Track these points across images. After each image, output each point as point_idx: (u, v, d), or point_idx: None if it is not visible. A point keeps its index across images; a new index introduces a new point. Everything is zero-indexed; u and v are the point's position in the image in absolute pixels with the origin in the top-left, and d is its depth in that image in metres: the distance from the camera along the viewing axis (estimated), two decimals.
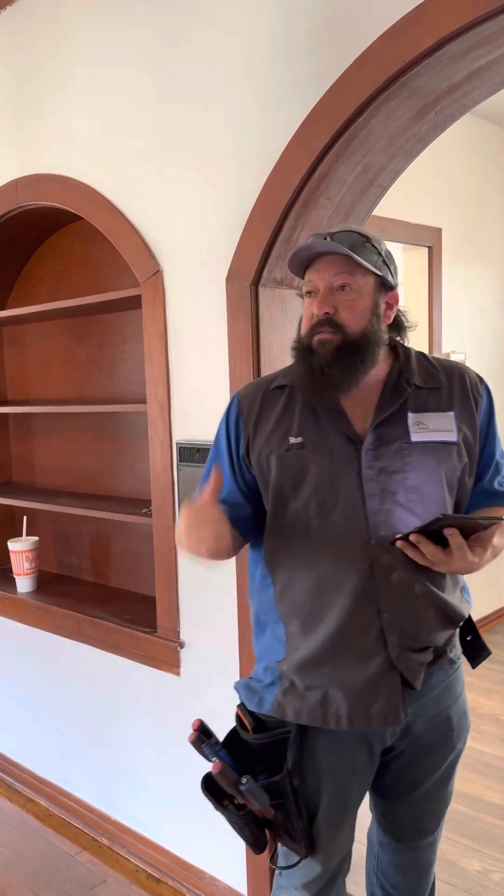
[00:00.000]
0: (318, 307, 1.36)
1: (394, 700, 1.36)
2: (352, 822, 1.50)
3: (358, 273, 1.35)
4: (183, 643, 2.19)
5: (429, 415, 1.40)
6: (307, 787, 1.43)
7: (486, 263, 4.19)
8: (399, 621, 1.36)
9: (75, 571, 2.95)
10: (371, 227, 3.42)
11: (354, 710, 1.36)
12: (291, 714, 1.40)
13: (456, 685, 1.50)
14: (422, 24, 1.47)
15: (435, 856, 1.68)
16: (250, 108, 1.85)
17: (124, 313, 2.62)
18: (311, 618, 1.39)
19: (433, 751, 1.49)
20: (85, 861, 2.45)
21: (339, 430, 1.39)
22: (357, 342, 1.34)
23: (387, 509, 1.36)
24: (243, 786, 1.37)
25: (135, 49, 2.09)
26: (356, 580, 1.35)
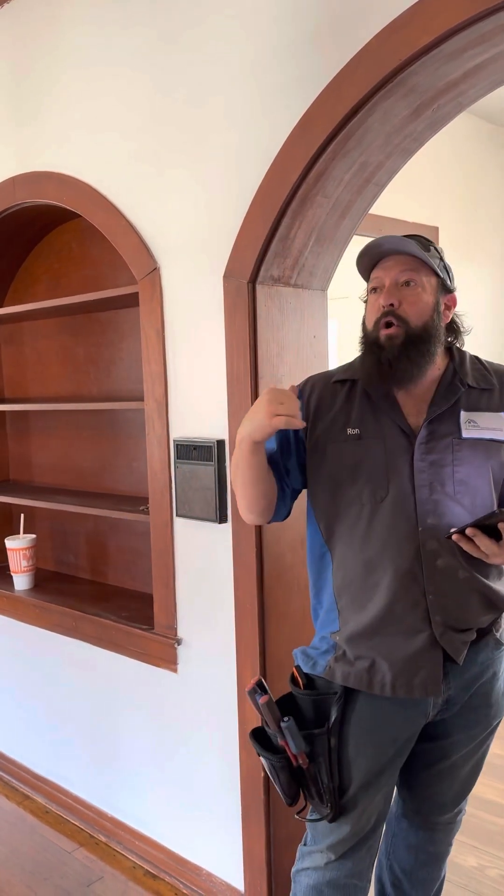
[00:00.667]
0: (384, 298, 1.46)
1: (435, 672, 1.46)
2: (385, 792, 1.56)
3: (422, 272, 1.47)
4: (180, 640, 2.20)
5: (480, 414, 1.50)
6: (344, 749, 1.51)
7: (483, 262, 4.20)
8: (443, 603, 1.46)
9: (72, 569, 2.95)
10: (369, 226, 3.44)
11: (398, 679, 1.46)
12: (340, 677, 1.50)
13: (499, 665, 1.58)
14: (418, 22, 1.48)
15: (449, 847, 1.74)
16: (247, 107, 1.85)
17: (122, 311, 2.62)
18: (362, 595, 1.49)
19: (468, 725, 1.58)
20: (82, 858, 2.46)
21: (395, 424, 1.49)
22: (420, 336, 1.45)
23: (435, 500, 1.45)
24: (285, 723, 1.48)
25: (132, 47, 2.09)
26: (404, 563, 1.45)
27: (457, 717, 1.56)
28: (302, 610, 2.06)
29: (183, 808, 2.28)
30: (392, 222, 3.49)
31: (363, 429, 1.50)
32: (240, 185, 1.89)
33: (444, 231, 3.86)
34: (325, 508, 1.54)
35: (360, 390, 1.54)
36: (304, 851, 1.64)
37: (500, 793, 2.70)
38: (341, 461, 1.50)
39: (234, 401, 1.94)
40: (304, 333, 2.02)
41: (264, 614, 1.96)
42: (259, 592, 1.95)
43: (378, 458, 1.48)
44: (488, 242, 4.24)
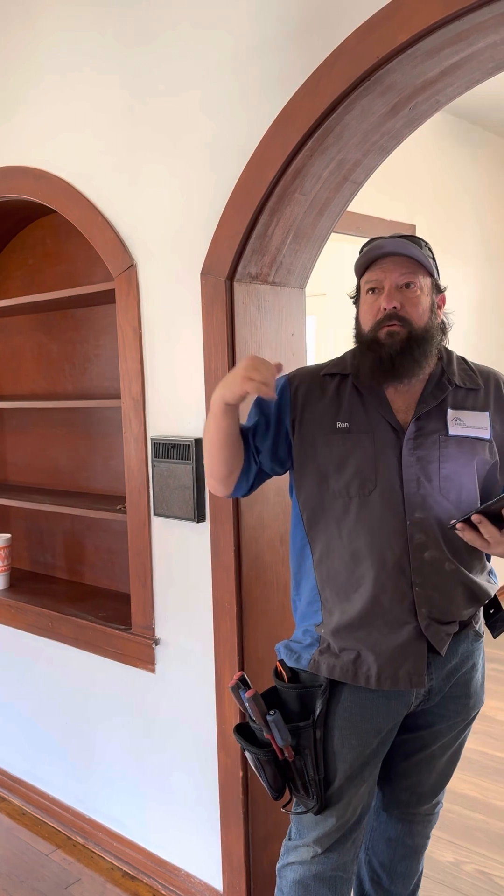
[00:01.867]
0: (386, 301, 1.48)
1: (420, 664, 1.48)
2: (369, 784, 1.58)
3: (419, 273, 1.49)
4: (158, 640, 2.18)
5: (466, 412, 1.53)
6: (329, 741, 1.53)
7: (459, 260, 4.23)
8: (429, 595, 1.48)
9: (49, 569, 2.92)
10: (346, 224, 3.44)
11: (383, 671, 1.48)
12: (325, 669, 1.52)
13: (478, 657, 1.62)
14: (395, 21, 1.47)
15: (427, 840, 1.76)
16: (224, 103, 1.84)
17: (98, 308, 2.60)
18: (348, 587, 1.51)
19: (448, 715, 1.61)
20: (59, 860, 2.44)
21: (384, 419, 1.52)
22: (422, 336, 1.48)
23: (422, 494, 1.48)
24: (271, 716, 1.49)
25: (109, 44, 2.07)
26: (392, 556, 1.48)
27: (437, 707, 1.59)
28: (281, 608, 2.06)
29: (161, 809, 2.27)
30: (369, 220, 3.49)
31: (352, 423, 1.52)
32: (217, 181, 1.87)
33: (420, 229, 3.87)
34: (310, 500, 1.56)
35: (350, 385, 1.56)
36: (289, 846, 1.65)
37: (476, 788, 2.72)
38: (330, 454, 1.52)
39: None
40: (282, 331, 2.02)
41: (242, 613, 1.96)
42: (237, 591, 1.94)
43: (367, 452, 1.50)
44: (464, 240, 4.27)
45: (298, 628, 1.62)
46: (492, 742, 3.03)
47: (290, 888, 1.61)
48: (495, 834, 2.46)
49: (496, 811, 2.58)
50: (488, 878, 2.26)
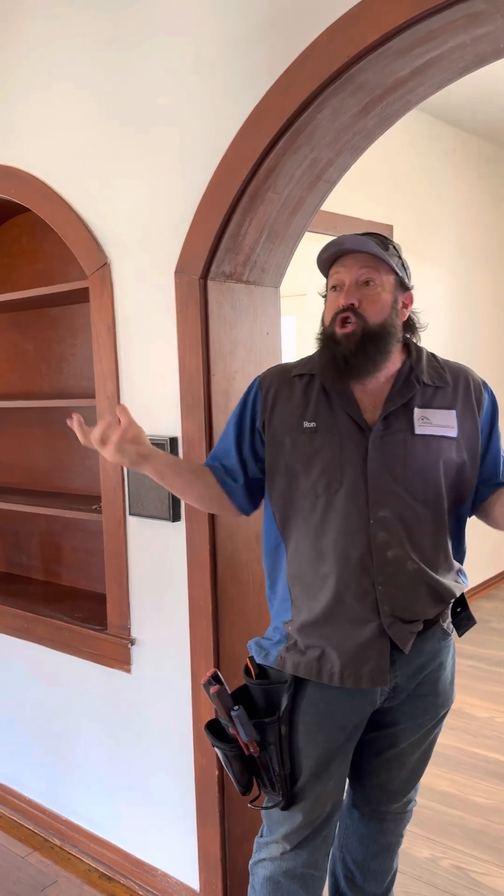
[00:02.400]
0: (344, 298, 1.49)
1: (383, 663, 1.49)
2: (337, 780, 1.58)
3: (381, 270, 1.49)
4: (134, 640, 2.18)
5: (433, 411, 1.53)
6: (295, 737, 1.54)
7: (436, 259, 4.25)
8: (392, 594, 1.48)
9: (24, 570, 2.90)
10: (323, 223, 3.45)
11: (346, 669, 1.49)
12: (290, 666, 1.53)
13: (446, 656, 1.62)
14: (365, 20, 1.48)
15: (400, 838, 1.76)
16: (197, 102, 1.84)
17: (74, 307, 2.58)
18: (314, 585, 1.52)
19: (416, 713, 1.61)
20: (35, 862, 2.42)
21: (350, 418, 1.52)
22: (377, 333, 1.48)
23: (387, 492, 1.49)
24: (234, 712, 1.51)
25: (82, 42, 2.06)
26: (355, 554, 1.48)
27: (404, 705, 1.59)
28: (257, 606, 2.06)
29: (137, 809, 2.26)
30: (347, 220, 3.51)
31: (319, 422, 1.52)
32: (190, 180, 1.87)
33: (398, 229, 3.89)
34: (281, 499, 1.56)
35: (318, 384, 1.56)
36: (260, 843, 1.66)
37: (452, 783, 2.74)
38: (298, 453, 1.53)
39: (187, 398, 1.93)
40: (256, 330, 2.02)
41: (218, 612, 1.96)
42: (213, 590, 1.94)
43: (333, 451, 1.50)
44: (441, 241, 4.29)
45: (271, 625, 1.63)
46: (468, 738, 3.06)
47: (262, 885, 1.62)
48: (471, 829, 2.48)
49: (472, 807, 2.60)
50: (464, 873, 2.28)
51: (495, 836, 2.44)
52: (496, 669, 3.72)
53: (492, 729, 3.13)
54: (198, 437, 1.91)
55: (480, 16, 1.43)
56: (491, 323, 4.79)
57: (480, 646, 4.01)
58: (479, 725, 3.17)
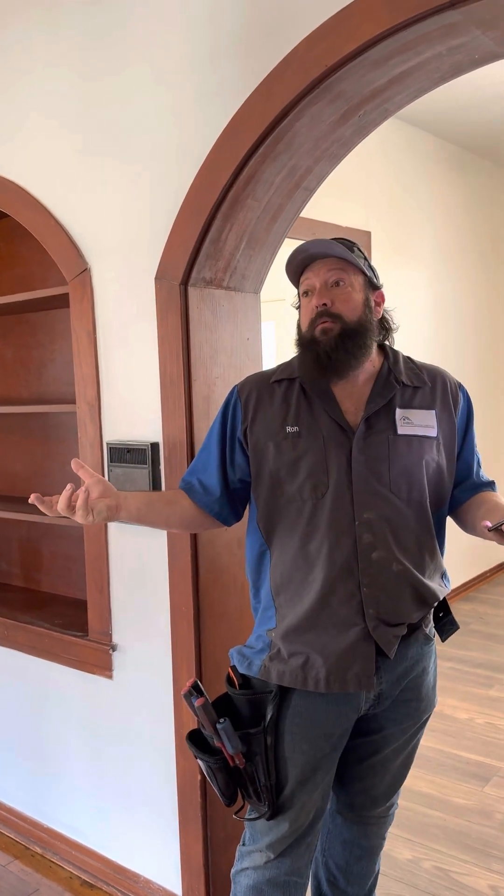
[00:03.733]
0: (317, 299, 1.50)
1: (368, 667, 1.48)
2: (322, 789, 1.58)
3: (349, 271, 1.51)
4: (115, 646, 2.17)
5: (414, 411, 1.55)
6: (280, 747, 1.53)
7: (414, 266, 4.29)
8: (377, 596, 1.48)
9: (4, 577, 2.88)
10: (301, 230, 3.47)
11: (332, 674, 1.48)
12: (275, 676, 1.52)
13: (428, 661, 1.63)
14: (343, 30, 1.50)
15: (382, 841, 1.76)
16: (177, 108, 1.85)
17: (53, 312, 2.58)
18: (300, 589, 1.52)
19: (399, 719, 1.61)
20: (16, 871, 2.40)
21: (333, 420, 1.52)
22: (355, 329, 1.50)
23: (371, 494, 1.49)
24: (220, 724, 1.49)
25: (61, 47, 2.06)
26: (340, 557, 1.48)
27: (388, 711, 1.59)
28: (239, 610, 2.06)
29: (119, 816, 2.26)
30: (325, 226, 3.53)
31: (302, 426, 1.53)
32: (170, 186, 1.88)
33: (376, 235, 3.93)
34: (266, 507, 1.56)
35: (298, 389, 1.56)
36: (242, 852, 1.65)
37: (433, 785, 2.76)
38: (282, 458, 1.53)
39: (168, 403, 1.93)
40: (237, 335, 2.03)
41: (200, 616, 1.96)
42: (195, 595, 1.95)
43: (318, 455, 1.50)
44: (418, 246, 4.34)
45: (254, 633, 1.62)
46: (449, 740, 3.08)
47: (245, 894, 1.61)
48: (452, 831, 2.50)
49: (453, 808, 2.62)
50: (446, 874, 2.29)
51: (476, 837, 2.46)
52: (476, 671, 3.75)
53: (472, 731, 3.16)
54: (179, 443, 1.92)
55: (456, 27, 1.45)
56: (471, 324, 4.84)
57: (460, 647, 4.04)
58: (460, 727, 3.19)
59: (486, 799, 2.67)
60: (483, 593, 4.97)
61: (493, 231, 5.06)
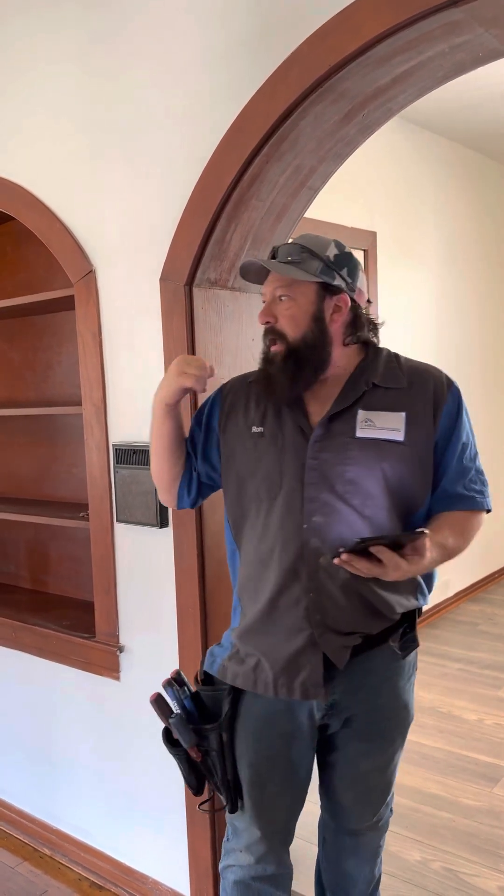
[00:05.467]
0: (260, 318, 1.49)
1: (315, 675, 1.45)
2: (287, 791, 1.57)
3: (295, 283, 1.44)
4: (122, 647, 2.17)
5: (379, 413, 1.45)
6: (237, 744, 1.55)
7: (419, 265, 4.29)
8: (322, 603, 1.45)
9: (12, 579, 2.89)
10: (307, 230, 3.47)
11: (279, 679, 1.47)
12: (230, 676, 1.54)
13: (398, 677, 1.55)
14: (346, 29, 1.50)
15: (379, 848, 1.72)
16: (181, 109, 1.85)
17: (59, 314, 2.58)
18: (255, 590, 1.52)
19: (370, 738, 1.56)
20: (26, 872, 2.41)
21: (295, 423, 1.49)
22: (298, 349, 1.44)
23: (323, 499, 1.44)
24: (171, 719, 1.54)
25: (64, 48, 2.07)
26: (288, 560, 1.46)
27: (358, 728, 1.54)
28: None
29: (128, 817, 2.26)
30: (330, 226, 3.53)
31: (267, 427, 1.52)
32: (174, 187, 1.88)
33: (381, 235, 3.92)
34: (233, 506, 1.57)
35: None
36: (227, 848, 1.67)
37: (442, 786, 2.75)
38: (246, 458, 1.53)
39: None
40: (242, 336, 2.03)
41: (206, 617, 1.96)
42: (201, 596, 1.95)
43: (275, 456, 1.49)
44: (424, 246, 4.33)
45: (228, 632, 1.63)
46: (458, 741, 3.07)
47: (232, 888, 1.64)
48: (461, 832, 2.49)
49: (462, 809, 2.61)
50: (455, 875, 2.28)
51: (485, 838, 2.45)
52: (485, 672, 3.74)
53: (480, 731, 3.15)
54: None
55: (458, 25, 1.45)
56: (476, 324, 4.83)
57: (469, 648, 4.03)
58: (468, 728, 3.18)
59: (495, 800, 2.66)
60: (492, 594, 4.95)
61: (498, 231, 5.05)
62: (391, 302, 3.99)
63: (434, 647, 4.06)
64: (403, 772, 2.84)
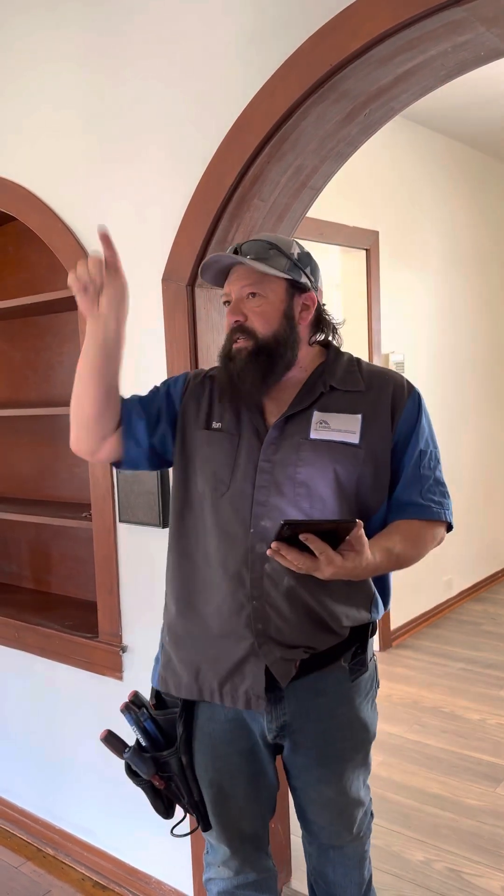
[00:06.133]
0: (228, 316, 1.43)
1: (257, 685, 1.41)
2: (251, 805, 1.53)
3: (265, 280, 1.40)
4: (125, 647, 2.17)
5: (334, 415, 1.42)
6: (195, 765, 1.51)
7: (422, 265, 4.28)
8: (266, 611, 1.40)
9: (14, 579, 2.89)
10: (309, 230, 3.47)
11: (224, 686, 1.43)
12: (172, 687, 1.49)
13: (354, 696, 1.49)
14: (348, 28, 1.50)
15: (365, 852, 1.67)
16: (183, 109, 1.85)
17: (61, 315, 2.59)
18: (193, 594, 1.46)
19: (326, 763, 1.50)
20: (29, 872, 2.41)
21: (252, 423, 1.46)
22: (268, 346, 1.40)
23: (273, 502, 1.40)
24: (126, 754, 1.49)
25: (66, 49, 2.07)
26: (233, 564, 1.41)
27: (313, 754, 1.50)
28: None
29: (131, 817, 2.26)
30: (332, 226, 3.53)
31: (224, 424, 1.47)
32: (177, 187, 1.88)
33: (383, 236, 3.92)
34: (178, 496, 1.51)
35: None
36: (207, 860, 1.64)
37: (445, 786, 2.74)
38: (199, 452, 1.48)
39: None
40: None
41: None
42: None
43: (228, 454, 1.44)
44: (427, 246, 4.32)
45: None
46: (460, 741, 3.06)
47: None
48: (464, 832, 2.48)
49: (465, 809, 2.60)
50: (458, 875, 2.28)
51: (488, 838, 2.44)
52: (487, 672, 3.73)
53: (483, 731, 3.14)
54: None
55: (460, 24, 1.45)
56: (478, 324, 4.82)
57: (471, 648, 4.02)
58: (471, 728, 3.18)
59: (499, 800, 2.66)
60: (494, 594, 4.95)
61: (500, 230, 5.04)
62: (393, 301, 3.98)
63: (437, 647, 4.06)
64: (406, 772, 2.84)
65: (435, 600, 4.47)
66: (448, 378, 4.44)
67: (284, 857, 2.21)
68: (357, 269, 3.83)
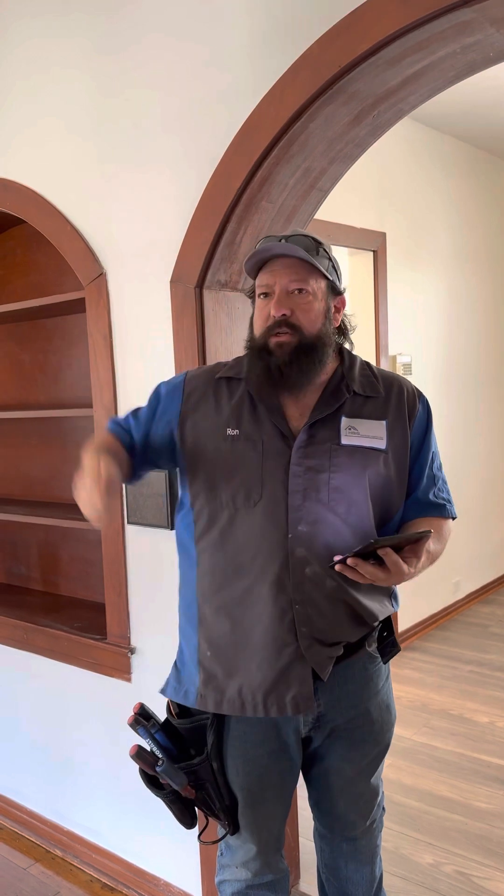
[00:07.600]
0: (275, 309, 1.39)
1: (305, 690, 1.42)
2: (278, 805, 1.55)
3: (312, 277, 1.40)
4: (134, 649, 2.18)
5: (362, 421, 1.44)
6: (227, 770, 1.50)
7: (429, 266, 4.27)
8: (309, 614, 1.41)
9: (23, 580, 2.90)
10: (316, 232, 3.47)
11: (269, 698, 1.42)
12: (213, 705, 1.47)
13: (377, 680, 1.54)
14: (356, 30, 1.50)
15: (377, 847, 1.70)
16: (191, 112, 1.86)
17: (70, 317, 2.59)
18: (229, 603, 1.44)
19: (355, 745, 1.54)
20: (37, 874, 2.41)
21: (275, 427, 1.44)
22: (313, 343, 1.40)
23: (308, 507, 1.40)
24: (159, 767, 1.46)
25: (74, 52, 2.08)
26: (273, 571, 1.40)
27: (343, 736, 1.52)
28: None
29: (139, 819, 2.26)
30: (340, 228, 3.53)
31: (243, 430, 1.44)
32: (185, 189, 1.89)
33: (391, 237, 3.91)
34: (201, 509, 1.47)
35: (244, 390, 1.48)
36: (221, 863, 1.64)
37: (454, 789, 2.74)
38: (219, 461, 1.44)
39: None
40: None
41: None
42: None
43: (254, 461, 1.42)
44: (434, 247, 4.32)
45: (184, 651, 1.54)
46: (469, 743, 3.05)
47: None
48: (473, 835, 2.47)
49: (474, 812, 2.59)
50: (467, 878, 2.27)
51: (497, 841, 2.43)
52: (496, 674, 3.72)
53: (493, 734, 3.13)
54: None
55: (469, 25, 1.45)
56: (487, 325, 4.81)
57: (480, 651, 4.01)
58: (480, 731, 3.17)
59: None
60: (502, 596, 4.93)
61: None
62: (400, 303, 3.98)
63: (445, 650, 4.05)
64: (414, 774, 2.83)
65: (443, 602, 4.46)
66: (456, 379, 4.43)
67: (293, 859, 2.21)
68: (364, 270, 3.83)
